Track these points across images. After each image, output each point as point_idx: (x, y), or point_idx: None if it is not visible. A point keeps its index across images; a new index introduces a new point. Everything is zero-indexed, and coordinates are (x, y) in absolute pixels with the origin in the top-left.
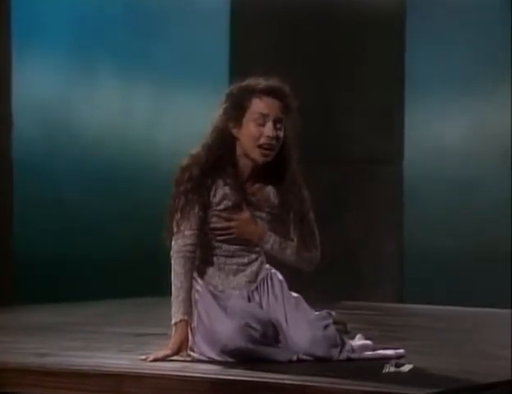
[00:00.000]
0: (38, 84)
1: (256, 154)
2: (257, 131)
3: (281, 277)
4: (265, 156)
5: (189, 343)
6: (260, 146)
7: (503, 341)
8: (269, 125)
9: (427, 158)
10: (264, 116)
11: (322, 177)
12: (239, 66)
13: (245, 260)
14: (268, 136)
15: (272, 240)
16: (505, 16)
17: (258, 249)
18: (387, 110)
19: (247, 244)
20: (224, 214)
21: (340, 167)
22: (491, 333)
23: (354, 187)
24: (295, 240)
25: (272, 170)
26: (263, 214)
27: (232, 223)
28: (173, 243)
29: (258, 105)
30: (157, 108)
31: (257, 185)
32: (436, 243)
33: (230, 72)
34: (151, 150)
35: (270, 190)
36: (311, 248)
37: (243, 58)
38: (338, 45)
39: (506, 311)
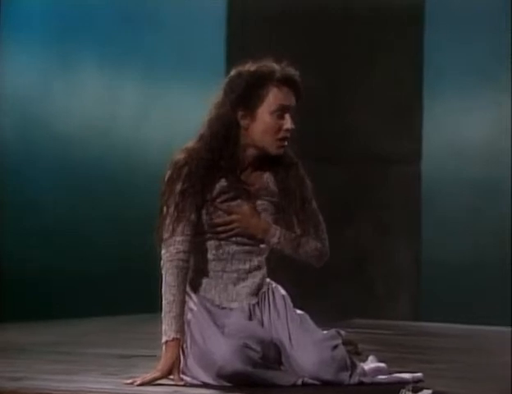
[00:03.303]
0: (14, 79)
1: (273, 147)
2: (276, 124)
3: (283, 291)
4: (281, 148)
5: (181, 365)
6: (278, 139)
7: None
8: (288, 117)
9: (447, 158)
10: (283, 109)
11: (331, 178)
12: (237, 56)
13: (246, 267)
14: (287, 129)
15: (278, 233)
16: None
17: (262, 247)
18: (404, 107)
19: (251, 242)
20: (224, 207)
21: (351, 167)
22: None
23: (366, 189)
24: (301, 230)
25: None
26: (265, 204)
27: (234, 217)
28: (164, 250)
29: (278, 96)
30: (146, 103)
31: (255, 174)
32: (457, 251)
33: (227, 63)
34: (140, 149)
35: (269, 178)
36: (319, 239)
37: (241, 48)
38: (351, 39)
39: None
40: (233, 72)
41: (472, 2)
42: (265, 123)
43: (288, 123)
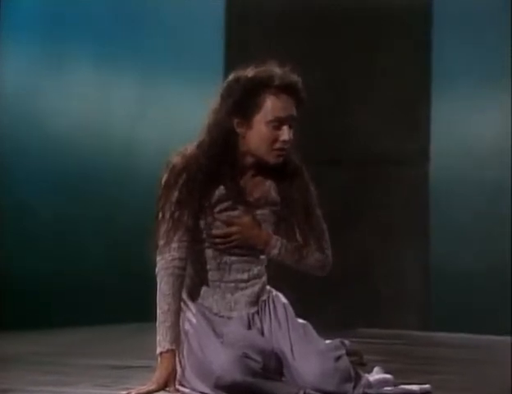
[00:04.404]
0: (8, 78)
1: (270, 157)
2: (272, 135)
3: (284, 299)
4: (279, 157)
5: (178, 376)
6: (274, 149)
7: None
8: (285, 128)
9: (457, 159)
10: (281, 119)
11: (334, 180)
12: (235, 56)
13: (245, 277)
14: (285, 141)
15: (279, 245)
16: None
17: (262, 258)
18: (411, 105)
19: (249, 253)
20: (223, 217)
21: (355, 169)
22: None
23: (371, 192)
24: (303, 240)
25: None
26: (266, 213)
27: (234, 229)
28: (159, 257)
29: (274, 105)
30: (141, 101)
31: (256, 181)
32: (467, 258)
33: (225, 62)
34: (134, 150)
35: (270, 185)
36: (321, 249)
37: (240, 47)
38: (357, 37)
39: None
40: (231, 77)
41: (480, 1)
42: (261, 133)
43: (285, 134)
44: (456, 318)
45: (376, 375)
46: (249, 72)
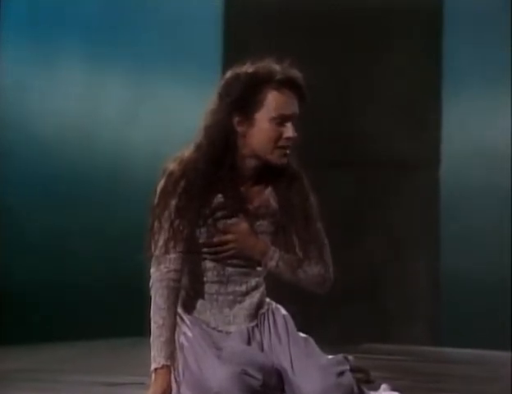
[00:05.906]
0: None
1: (274, 157)
2: (276, 132)
3: (284, 311)
4: (283, 158)
5: (173, 393)
6: (278, 148)
7: None
8: (289, 124)
9: (469, 163)
10: (284, 115)
11: (339, 185)
12: (234, 54)
13: (243, 288)
14: (289, 138)
15: (277, 256)
16: None
17: (259, 269)
18: (421, 106)
19: (247, 264)
20: (219, 225)
21: (362, 173)
22: None
23: (379, 197)
24: (302, 252)
25: (270, 166)
26: (265, 224)
27: (229, 236)
28: (154, 269)
29: (278, 101)
30: (136, 102)
31: (256, 188)
32: (480, 269)
33: (223, 61)
34: (125, 152)
35: (270, 193)
36: (322, 263)
37: (238, 45)
38: (359, 34)
39: None
40: (229, 74)
41: (491, 3)
42: (264, 130)
43: (289, 131)
44: (468, 332)
45: (383, 393)
46: (249, 68)
